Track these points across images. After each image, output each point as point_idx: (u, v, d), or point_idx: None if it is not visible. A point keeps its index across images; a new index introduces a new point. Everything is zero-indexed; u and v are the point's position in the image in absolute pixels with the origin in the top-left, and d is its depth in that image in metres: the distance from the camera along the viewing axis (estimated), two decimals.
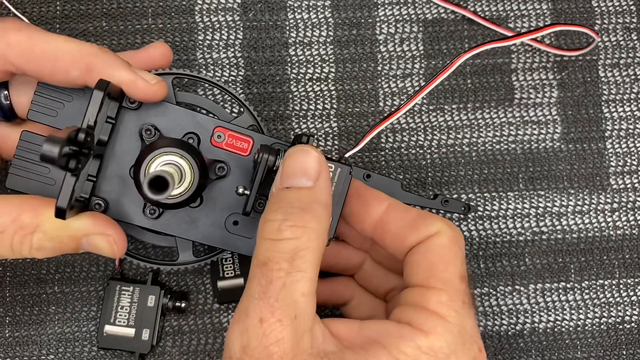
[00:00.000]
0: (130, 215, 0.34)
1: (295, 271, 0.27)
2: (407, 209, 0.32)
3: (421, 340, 0.27)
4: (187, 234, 0.34)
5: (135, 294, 0.40)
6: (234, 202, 0.34)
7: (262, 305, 0.26)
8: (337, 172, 0.33)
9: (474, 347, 0.28)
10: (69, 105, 0.33)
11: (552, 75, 0.45)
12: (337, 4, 0.44)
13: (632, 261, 0.44)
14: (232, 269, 0.39)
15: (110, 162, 0.33)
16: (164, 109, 0.34)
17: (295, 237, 0.27)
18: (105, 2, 0.43)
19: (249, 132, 0.35)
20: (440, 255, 0.30)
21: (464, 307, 0.29)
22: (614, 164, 0.44)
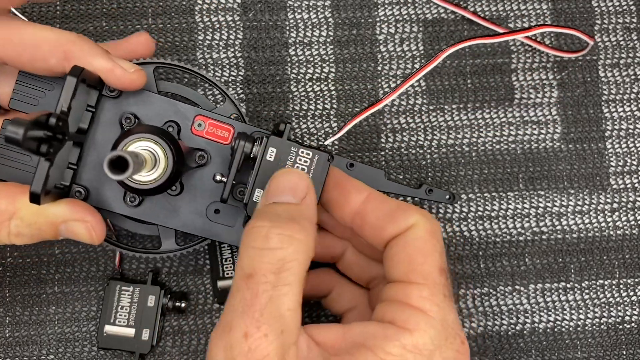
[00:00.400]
0: (111, 203, 0.34)
1: (282, 284, 0.26)
2: (385, 199, 0.32)
3: (406, 339, 0.27)
4: (169, 222, 0.34)
5: (135, 294, 0.40)
6: (215, 190, 0.35)
7: (246, 319, 0.26)
8: (314, 159, 0.33)
9: (456, 340, 0.28)
10: (50, 94, 0.34)
11: (552, 75, 0.45)
12: (337, 4, 0.44)
13: (632, 261, 0.44)
14: (232, 268, 0.39)
15: (90, 150, 0.34)
16: (144, 98, 0.34)
17: (282, 247, 0.27)
18: (105, 2, 0.43)
19: (229, 121, 0.35)
20: (418, 248, 0.30)
21: (445, 301, 0.29)
22: (614, 164, 0.44)
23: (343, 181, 0.33)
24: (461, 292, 0.43)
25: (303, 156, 0.33)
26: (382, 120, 0.44)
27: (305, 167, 0.33)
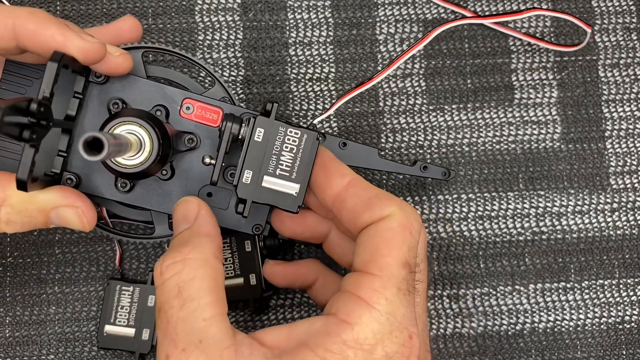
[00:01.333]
0: (102, 190, 0.34)
1: (188, 302, 0.27)
2: (367, 187, 0.31)
3: (347, 334, 0.27)
4: (161, 207, 0.34)
5: (135, 294, 0.40)
6: (206, 173, 0.34)
7: (166, 343, 0.27)
8: (303, 139, 0.32)
9: (403, 334, 0.28)
10: (37, 82, 0.34)
11: (552, 75, 0.45)
12: (337, 4, 0.44)
13: (632, 261, 0.44)
14: (232, 268, 0.39)
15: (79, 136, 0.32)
16: (132, 83, 0.34)
17: (176, 273, 0.28)
18: (105, 2, 0.43)
19: (218, 103, 0.35)
20: (385, 240, 0.29)
21: (398, 295, 0.28)
22: (614, 164, 0.44)
23: (329, 163, 0.32)
24: (461, 292, 0.43)
25: (291, 135, 0.32)
26: (382, 120, 0.44)
27: (294, 146, 0.32)
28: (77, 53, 0.30)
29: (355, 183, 0.32)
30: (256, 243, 0.39)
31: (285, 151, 0.32)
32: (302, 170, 0.32)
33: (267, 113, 0.33)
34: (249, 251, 0.39)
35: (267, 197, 0.32)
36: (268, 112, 0.32)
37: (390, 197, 0.31)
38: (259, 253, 0.39)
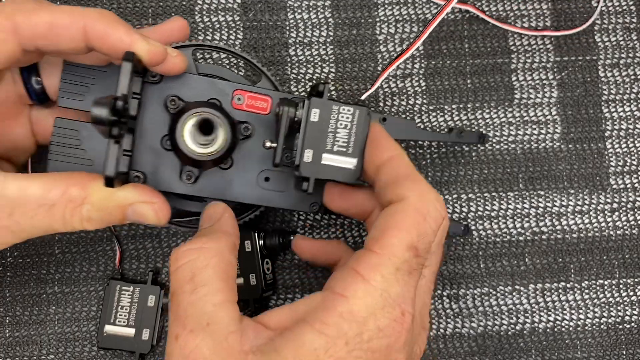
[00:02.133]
0: (168, 184, 0.35)
1: (200, 287, 0.28)
2: (403, 166, 0.32)
3: (342, 307, 0.28)
4: (224, 195, 0.36)
5: (135, 294, 0.40)
6: (262, 159, 0.36)
7: (175, 324, 0.28)
8: (355, 115, 0.34)
9: (395, 310, 0.29)
10: (95, 87, 0.35)
11: (552, 75, 0.45)
12: (337, 4, 0.44)
13: (632, 261, 0.44)
14: None
15: (141, 135, 0.35)
16: (184, 80, 0.35)
17: (191, 259, 0.29)
18: (105, 2, 0.43)
19: (266, 91, 0.36)
20: (396, 221, 0.30)
21: (396, 274, 0.29)
22: (614, 164, 0.44)
23: (378, 137, 0.34)
24: (461, 292, 0.43)
25: (344, 113, 0.34)
26: None
27: (347, 123, 0.34)
28: (143, 54, 0.31)
29: (394, 159, 0.33)
30: (256, 243, 0.39)
31: (340, 128, 0.34)
32: (358, 145, 0.34)
33: (319, 93, 0.34)
34: (249, 251, 0.39)
35: (328, 173, 0.34)
36: (320, 93, 0.34)
37: (418, 181, 0.31)
38: (259, 253, 0.39)
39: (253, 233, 0.39)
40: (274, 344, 0.28)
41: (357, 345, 0.28)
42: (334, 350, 0.27)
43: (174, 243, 0.42)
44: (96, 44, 0.31)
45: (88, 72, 0.35)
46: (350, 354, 0.27)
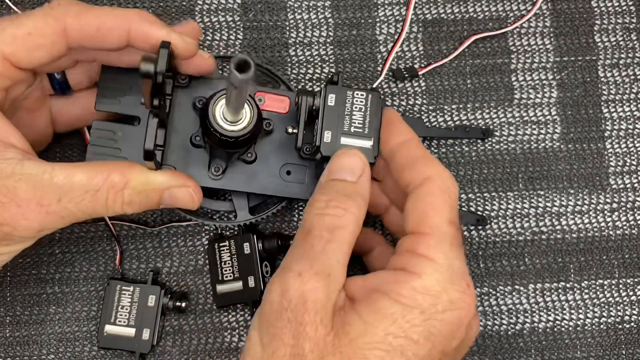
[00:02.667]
0: (197, 178, 0.37)
1: (334, 241, 0.31)
2: (417, 148, 0.35)
3: (415, 282, 0.30)
4: (249, 188, 0.38)
5: (135, 294, 0.40)
6: (284, 153, 0.39)
7: (303, 261, 0.31)
8: (368, 99, 0.36)
9: (462, 283, 0.31)
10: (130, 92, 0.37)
11: (552, 76, 0.45)
12: (337, 4, 0.44)
13: (632, 261, 0.44)
14: (231, 271, 0.40)
15: (172, 133, 0.37)
16: (209, 83, 0.38)
17: (337, 215, 0.32)
18: (105, 2, 0.43)
19: (285, 92, 0.39)
20: (429, 203, 0.32)
21: (452, 249, 0.32)
22: (614, 164, 0.44)
23: (393, 122, 0.36)
24: None
25: (358, 97, 0.36)
26: None
27: (362, 106, 0.36)
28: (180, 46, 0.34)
29: (409, 143, 0.35)
30: (255, 246, 0.39)
31: (355, 111, 0.36)
32: (373, 126, 0.36)
33: (334, 82, 0.36)
34: (248, 254, 0.39)
35: None
36: (335, 81, 0.36)
37: (432, 162, 0.34)
38: (258, 256, 0.39)
39: (252, 236, 0.39)
40: (354, 307, 0.30)
41: (432, 315, 0.30)
42: (410, 316, 0.30)
43: (174, 243, 0.42)
44: (139, 43, 0.34)
45: (124, 77, 0.37)
46: (425, 322, 0.30)
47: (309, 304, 0.29)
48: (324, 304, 0.30)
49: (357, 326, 0.30)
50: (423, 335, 0.30)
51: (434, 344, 0.30)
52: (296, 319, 0.29)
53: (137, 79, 0.36)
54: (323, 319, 0.29)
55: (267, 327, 0.30)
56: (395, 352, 0.29)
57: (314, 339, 0.29)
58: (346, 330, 0.29)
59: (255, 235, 0.40)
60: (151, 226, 0.42)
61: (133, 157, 0.37)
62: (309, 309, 0.29)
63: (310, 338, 0.29)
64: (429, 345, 0.30)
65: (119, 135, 0.37)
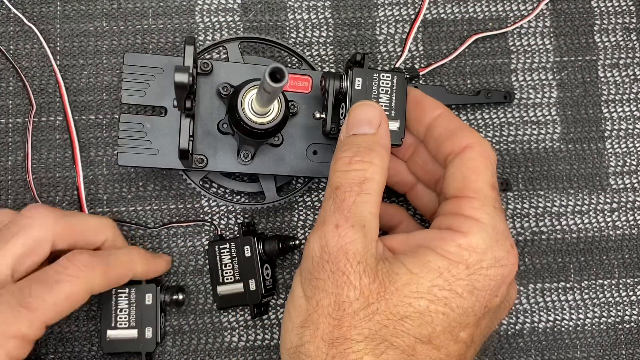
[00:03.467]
0: (227, 165, 0.39)
1: (365, 193, 0.32)
2: (454, 120, 0.36)
3: (461, 240, 0.31)
4: (278, 170, 0.39)
5: (132, 295, 0.39)
6: (309, 134, 0.40)
7: (337, 215, 0.31)
8: (394, 80, 0.36)
9: (506, 243, 0.32)
10: (154, 83, 0.38)
11: (552, 76, 0.45)
12: (337, 4, 0.44)
13: (632, 261, 0.44)
14: (231, 274, 0.39)
15: (199, 122, 0.38)
16: (232, 68, 0.39)
17: (363, 169, 0.32)
18: (105, 2, 0.43)
19: (306, 72, 0.40)
20: (471, 168, 0.33)
21: (496, 211, 0.32)
22: (614, 164, 0.44)
23: (422, 100, 0.37)
24: None
25: (384, 79, 0.36)
26: None
27: (388, 88, 0.36)
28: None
29: (444, 115, 0.36)
30: (256, 249, 0.39)
31: (382, 93, 0.36)
32: (399, 107, 0.36)
33: (359, 64, 0.36)
34: (248, 257, 0.39)
35: None
36: (361, 63, 0.36)
37: (471, 130, 0.35)
38: (258, 259, 0.39)
39: (252, 239, 0.39)
40: (400, 259, 0.31)
41: (477, 270, 0.31)
42: (455, 271, 0.31)
43: (173, 243, 0.42)
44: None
45: (146, 66, 0.38)
46: (470, 276, 0.31)
47: (350, 255, 0.30)
48: (364, 254, 0.31)
49: (404, 275, 0.30)
50: (467, 289, 0.31)
51: (478, 298, 0.31)
52: (339, 269, 0.30)
53: (159, 66, 0.38)
54: (365, 268, 0.30)
55: (309, 279, 0.31)
56: (439, 302, 0.30)
57: (358, 288, 0.30)
58: (393, 279, 0.30)
59: (256, 238, 0.40)
60: (151, 226, 0.42)
61: (164, 149, 0.38)
62: (350, 259, 0.30)
63: (354, 286, 0.30)
64: (473, 299, 0.31)
65: (148, 127, 0.38)
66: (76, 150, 0.42)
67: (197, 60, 0.38)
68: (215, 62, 0.39)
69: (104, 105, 0.43)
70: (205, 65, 0.38)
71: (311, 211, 0.43)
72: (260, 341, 0.42)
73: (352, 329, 0.30)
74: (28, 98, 0.42)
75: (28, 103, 0.42)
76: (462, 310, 0.31)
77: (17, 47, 0.43)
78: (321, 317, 0.30)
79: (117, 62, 0.43)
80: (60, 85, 0.42)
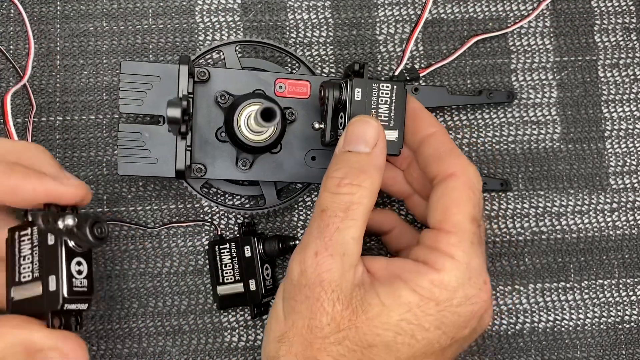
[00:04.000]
0: (226, 173, 0.39)
1: (348, 219, 0.32)
2: (445, 142, 0.36)
3: (434, 276, 0.32)
4: (277, 177, 0.40)
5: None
6: (308, 140, 0.40)
7: (318, 242, 0.32)
8: (394, 90, 0.36)
9: (479, 280, 0.33)
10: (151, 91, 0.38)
11: (552, 76, 0.45)
12: (337, 4, 0.44)
13: (632, 261, 0.44)
14: (232, 274, 0.39)
15: (197, 131, 0.38)
16: (229, 75, 0.39)
17: (350, 193, 0.32)
18: (105, 2, 0.43)
19: (304, 77, 0.40)
20: (453, 199, 0.33)
21: (472, 247, 0.33)
22: (614, 164, 0.44)
23: (419, 114, 0.37)
24: None
25: (384, 89, 0.36)
26: None
27: (387, 98, 0.36)
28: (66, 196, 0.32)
29: (437, 135, 0.36)
30: (256, 249, 0.39)
31: (381, 104, 0.36)
32: (398, 117, 0.36)
33: (359, 73, 0.36)
34: (248, 257, 0.39)
35: None
36: (360, 73, 0.36)
37: (459, 156, 0.35)
38: (259, 259, 0.39)
39: (253, 239, 0.39)
40: (375, 288, 0.32)
41: (446, 308, 0.32)
42: (425, 307, 0.31)
43: (173, 243, 0.42)
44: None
45: (143, 74, 0.38)
46: (439, 313, 0.32)
47: (325, 284, 0.31)
48: (339, 283, 0.31)
49: (376, 307, 0.31)
50: (434, 325, 0.32)
51: (445, 331, 0.32)
52: (313, 296, 0.31)
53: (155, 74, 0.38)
54: (339, 296, 0.31)
55: (288, 299, 0.33)
56: (405, 334, 0.31)
57: (331, 314, 0.31)
58: (365, 308, 0.31)
59: (256, 238, 0.40)
60: (151, 226, 0.42)
61: (163, 158, 0.38)
62: (326, 288, 0.31)
63: (327, 312, 0.31)
64: (439, 332, 0.32)
65: (146, 137, 0.38)
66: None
67: (193, 70, 0.37)
68: (212, 70, 0.38)
69: (104, 105, 0.43)
70: (202, 74, 0.38)
71: (311, 211, 0.43)
72: (260, 341, 0.42)
73: (323, 350, 0.31)
74: (28, 98, 0.42)
75: (28, 103, 0.42)
76: (427, 342, 0.32)
77: (17, 47, 0.43)
78: (295, 337, 0.32)
79: (117, 62, 0.43)
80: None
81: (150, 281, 0.42)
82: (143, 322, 0.42)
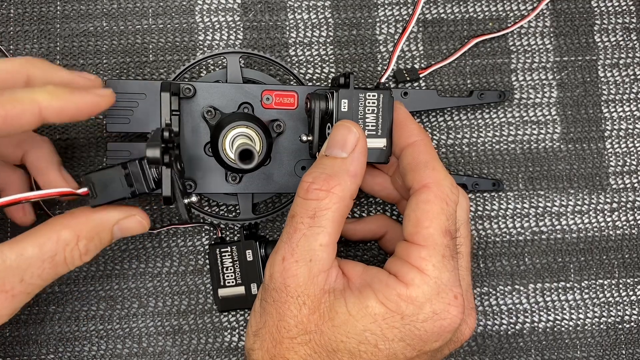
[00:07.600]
0: (217, 187, 0.39)
1: (315, 226, 0.32)
2: (424, 152, 0.35)
3: (402, 290, 0.32)
4: (267, 188, 0.40)
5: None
6: (296, 151, 0.40)
7: (286, 247, 0.33)
8: (380, 98, 0.36)
9: (449, 295, 0.32)
10: (137, 109, 0.38)
11: (552, 75, 0.45)
12: (337, 4, 0.44)
13: (632, 261, 0.44)
14: (233, 277, 0.39)
15: (186, 147, 0.38)
16: (215, 89, 0.38)
17: (317, 199, 0.32)
18: (105, 2, 0.43)
19: (291, 87, 0.39)
20: (425, 212, 0.33)
21: (443, 261, 0.32)
22: (614, 164, 0.44)
23: (403, 122, 0.37)
24: None
25: (370, 98, 0.36)
26: None
27: (374, 107, 0.36)
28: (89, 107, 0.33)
29: (417, 145, 0.36)
30: (258, 253, 0.39)
31: (368, 113, 0.36)
32: (386, 125, 0.36)
33: (345, 85, 0.36)
34: (250, 260, 0.39)
35: None
36: (347, 84, 0.36)
37: (434, 168, 0.34)
38: (260, 263, 0.39)
39: (254, 242, 0.39)
40: (345, 296, 0.32)
41: (411, 322, 0.32)
42: (391, 320, 0.31)
43: (173, 243, 0.42)
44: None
45: (130, 92, 0.38)
46: (404, 326, 0.32)
47: (290, 289, 0.32)
48: (305, 289, 0.32)
49: (342, 315, 0.32)
50: (398, 337, 0.32)
51: (409, 344, 0.32)
52: (280, 299, 0.32)
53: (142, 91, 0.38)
54: (306, 301, 0.32)
55: (261, 300, 0.34)
56: (369, 344, 0.32)
57: (298, 317, 0.32)
58: (332, 315, 0.32)
59: (258, 242, 0.40)
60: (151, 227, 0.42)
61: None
62: (291, 292, 0.32)
63: (294, 315, 0.32)
64: (403, 344, 0.32)
65: (134, 154, 0.38)
66: None
67: (179, 87, 0.37)
68: (198, 84, 0.38)
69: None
70: (187, 91, 0.38)
71: None
72: None
73: (291, 349, 0.32)
74: None
75: None
76: (391, 352, 0.32)
77: (17, 47, 0.43)
78: (267, 334, 0.33)
79: (117, 62, 0.43)
80: None
81: (150, 281, 0.42)
82: (143, 322, 0.42)
